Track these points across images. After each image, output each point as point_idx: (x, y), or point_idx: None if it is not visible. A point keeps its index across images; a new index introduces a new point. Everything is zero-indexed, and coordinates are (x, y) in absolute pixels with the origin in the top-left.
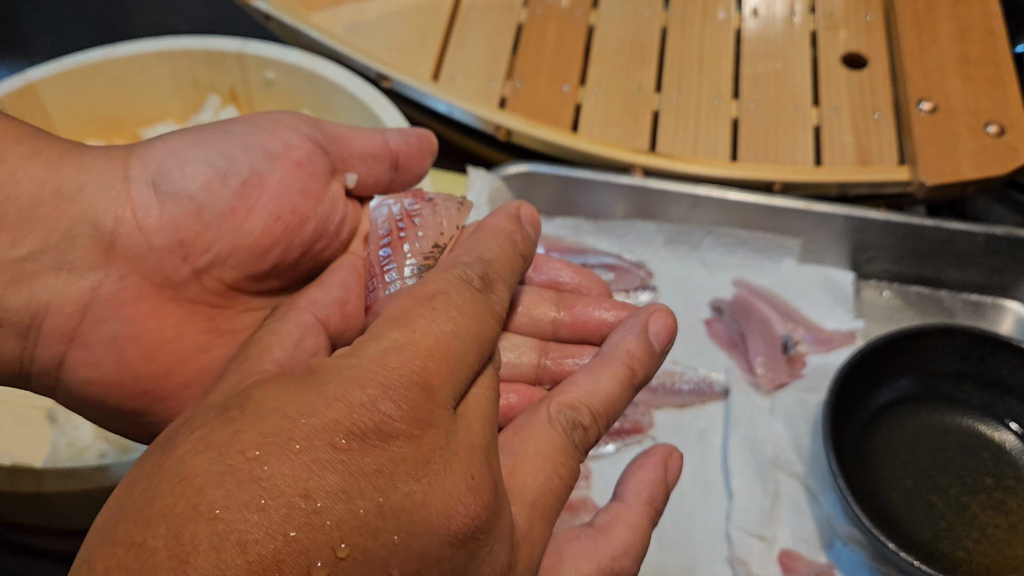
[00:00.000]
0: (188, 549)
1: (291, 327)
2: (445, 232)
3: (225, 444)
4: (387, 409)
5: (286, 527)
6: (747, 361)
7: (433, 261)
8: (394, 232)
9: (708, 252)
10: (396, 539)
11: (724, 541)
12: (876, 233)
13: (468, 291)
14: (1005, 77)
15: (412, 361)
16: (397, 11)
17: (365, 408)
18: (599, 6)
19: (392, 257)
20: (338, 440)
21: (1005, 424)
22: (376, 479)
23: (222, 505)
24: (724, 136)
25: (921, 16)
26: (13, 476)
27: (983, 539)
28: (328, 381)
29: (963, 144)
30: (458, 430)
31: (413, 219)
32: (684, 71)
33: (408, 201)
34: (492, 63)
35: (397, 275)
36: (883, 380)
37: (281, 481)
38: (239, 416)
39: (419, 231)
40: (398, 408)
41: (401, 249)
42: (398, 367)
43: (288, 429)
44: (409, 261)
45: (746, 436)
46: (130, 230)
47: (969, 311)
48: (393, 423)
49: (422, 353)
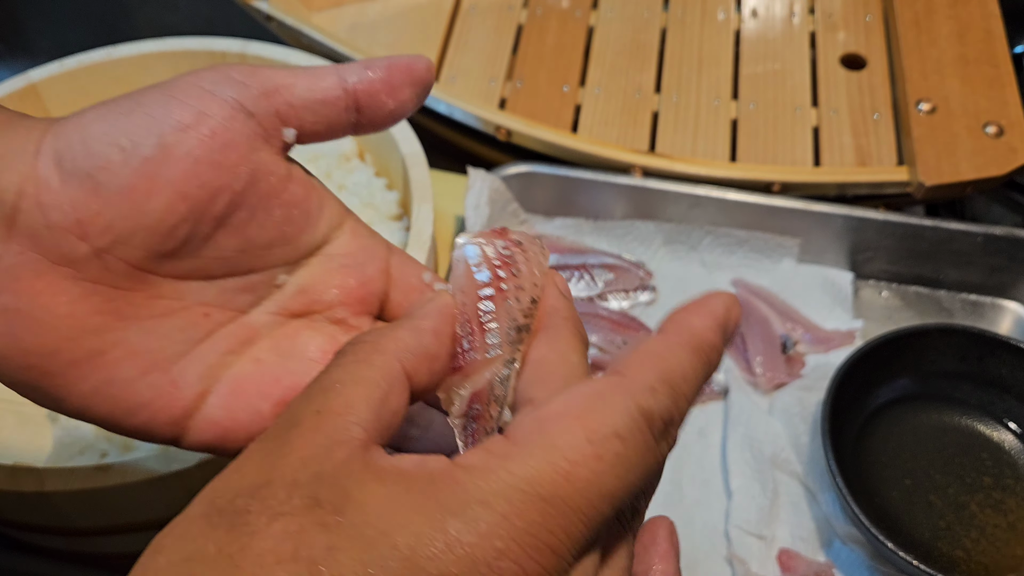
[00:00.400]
0: None
1: (377, 377)
2: (538, 284)
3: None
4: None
5: None
6: (746, 360)
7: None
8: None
9: (707, 252)
10: None
11: (723, 540)
12: (875, 233)
13: (645, 440)
14: (1004, 78)
15: (554, 523)
16: (398, 12)
17: (489, 568)
18: (599, 7)
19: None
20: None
21: (1004, 424)
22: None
23: None
24: (723, 136)
25: (920, 17)
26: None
27: (982, 538)
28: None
29: (962, 145)
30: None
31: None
32: (683, 72)
33: (501, 244)
34: (492, 64)
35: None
36: (882, 380)
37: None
38: (335, 525)
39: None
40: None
41: (503, 304)
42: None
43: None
44: (510, 321)
45: (745, 435)
46: (30, 205)
47: (968, 311)
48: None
49: (568, 513)
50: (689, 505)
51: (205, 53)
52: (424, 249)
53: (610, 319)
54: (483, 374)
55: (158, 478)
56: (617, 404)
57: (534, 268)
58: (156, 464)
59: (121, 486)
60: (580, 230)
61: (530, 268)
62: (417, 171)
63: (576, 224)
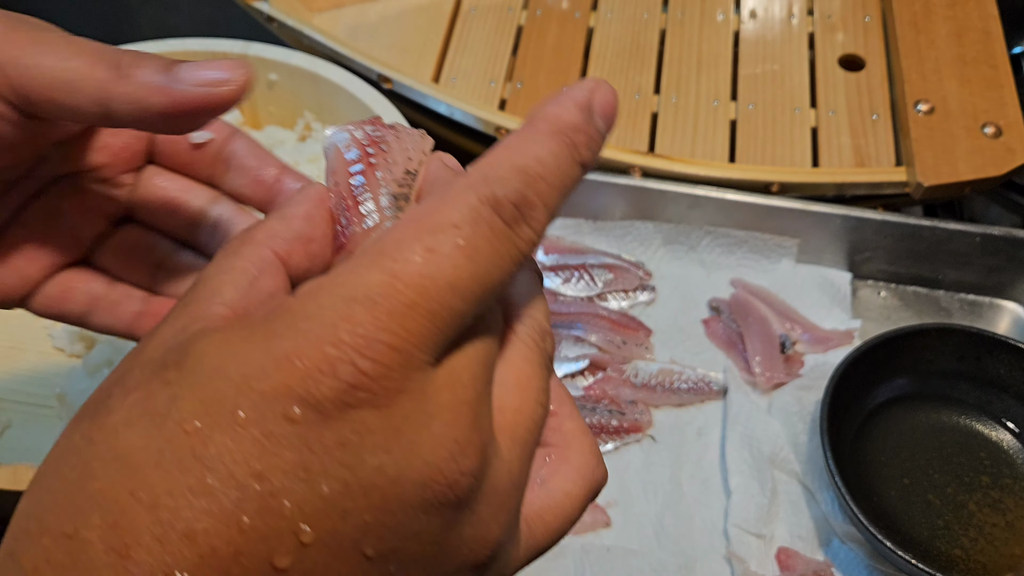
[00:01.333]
0: (128, 541)
1: (245, 263)
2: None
3: (162, 413)
4: (347, 376)
5: (239, 513)
6: (745, 360)
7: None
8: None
9: (706, 252)
10: (368, 518)
11: (722, 538)
12: (873, 233)
13: (489, 227)
14: (1002, 79)
15: (386, 319)
16: (398, 13)
17: (322, 373)
18: (598, 8)
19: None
20: (291, 410)
21: (1002, 423)
22: (340, 454)
23: (163, 489)
24: (722, 137)
25: (918, 18)
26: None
27: (980, 537)
28: (279, 334)
29: (960, 145)
30: (439, 390)
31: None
32: (683, 73)
33: (370, 128)
34: (492, 65)
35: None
36: (880, 379)
37: (230, 460)
38: (177, 378)
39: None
40: (360, 376)
41: (374, 176)
42: (367, 323)
43: (232, 396)
44: (384, 190)
45: (744, 434)
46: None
47: (966, 311)
48: (355, 391)
49: (401, 308)
50: (688, 504)
51: (206, 54)
52: None
53: (610, 319)
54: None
55: None
56: (456, 198)
57: (407, 144)
58: None
59: None
60: (580, 230)
61: (401, 144)
62: None
63: (576, 224)
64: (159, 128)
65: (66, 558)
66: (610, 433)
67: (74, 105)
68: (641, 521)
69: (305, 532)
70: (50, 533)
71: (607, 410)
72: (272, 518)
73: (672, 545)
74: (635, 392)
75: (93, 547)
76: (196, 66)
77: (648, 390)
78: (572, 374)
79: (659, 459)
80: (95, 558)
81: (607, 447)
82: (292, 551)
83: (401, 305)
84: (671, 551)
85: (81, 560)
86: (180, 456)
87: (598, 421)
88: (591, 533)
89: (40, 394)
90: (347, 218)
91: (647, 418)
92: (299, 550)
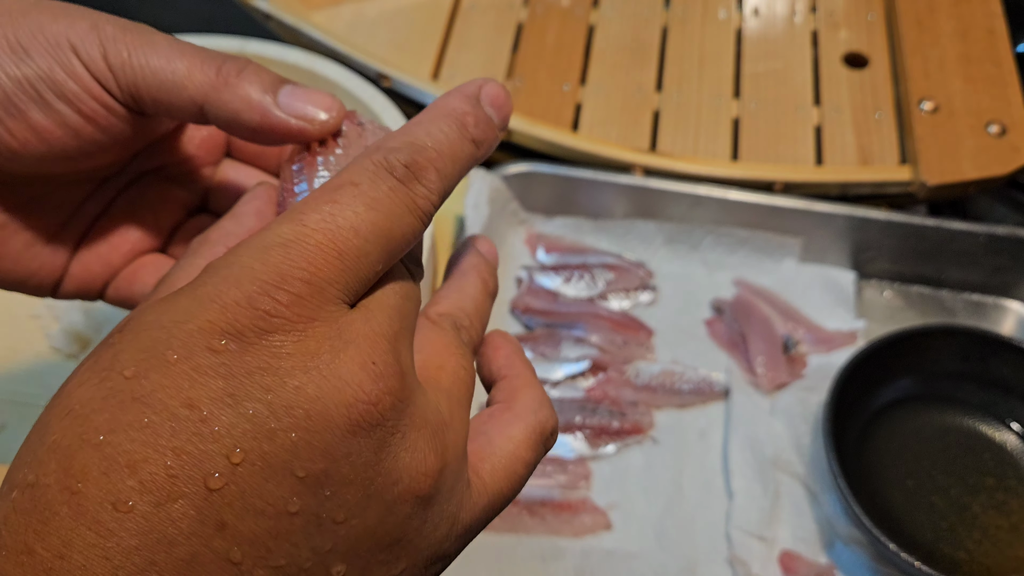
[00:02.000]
0: (78, 479)
1: (201, 261)
2: None
3: (106, 368)
4: (264, 305)
5: (174, 441)
6: (748, 361)
7: None
8: (313, 147)
9: (709, 252)
10: (294, 436)
11: (724, 541)
12: (877, 233)
13: (385, 182)
14: (1006, 77)
15: (297, 257)
16: (397, 10)
17: (240, 306)
18: (599, 5)
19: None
20: (216, 342)
21: (1006, 424)
22: (261, 377)
23: (106, 429)
24: (725, 135)
25: (922, 16)
26: None
27: (984, 540)
28: (204, 283)
29: (964, 144)
30: (354, 321)
31: (335, 137)
32: (685, 70)
33: None
34: (492, 62)
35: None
36: (884, 380)
37: (163, 395)
38: (119, 339)
39: (338, 148)
40: (275, 303)
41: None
42: (279, 263)
43: (164, 340)
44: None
45: (746, 436)
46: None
47: (970, 311)
48: (271, 318)
49: (310, 248)
50: (690, 506)
51: None
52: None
53: (610, 319)
54: None
55: None
56: (355, 165)
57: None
58: None
59: None
60: (580, 229)
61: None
62: None
63: (576, 223)
64: (242, 136)
65: (29, 503)
66: (611, 434)
67: (175, 104)
68: (642, 523)
69: (236, 453)
70: (17, 486)
71: (608, 411)
72: (203, 442)
73: (674, 548)
74: (636, 393)
75: (50, 489)
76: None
77: (649, 391)
78: (573, 375)
79: (660, 461)
80: (52, 498)
81: (608, 449)
82: (225, 472)
83: (311, 246)
84: (672, 554)
85: (41, 502)
86: (121, 399)
87: (599, 422)
88: (592, 536)
89: (37, 394)
90: (283, 197)
91: (648, 419)
92: (231, 471)
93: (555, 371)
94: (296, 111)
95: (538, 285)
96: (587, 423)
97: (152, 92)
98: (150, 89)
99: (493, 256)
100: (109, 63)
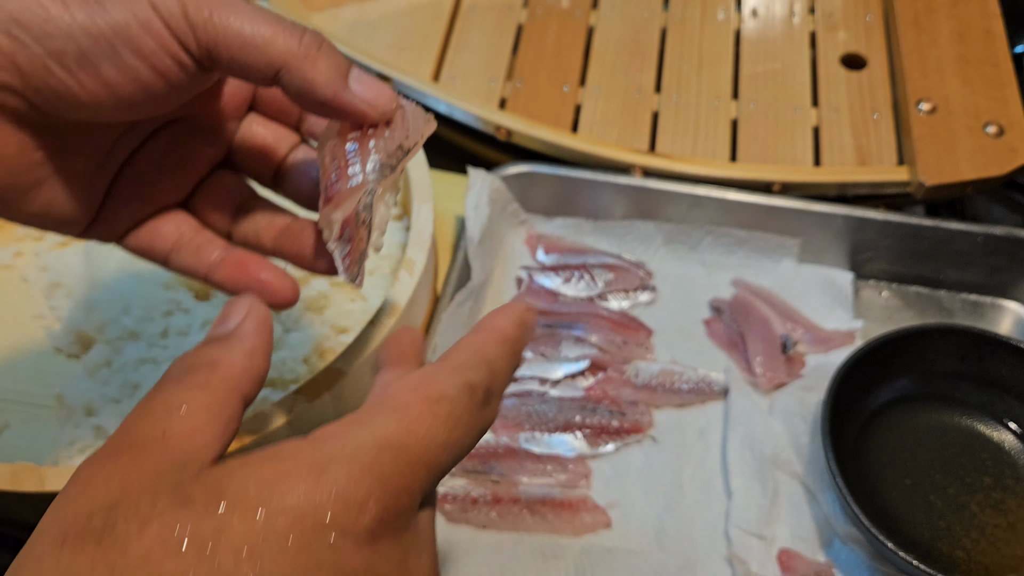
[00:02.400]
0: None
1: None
2: (411, 137)
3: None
4: (378, 512)
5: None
6: (746, 360)
7: (396, 161)
8: (366, 129)
9: (707, 252)
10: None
11: (723, 540)
12: (875, 233)
13: (470, 405)
14: (1004, 78)
15: (405, 468)
16: (398, 12)
17: (360, 508)
18: (599, 7)
19: (358, 152)
20: (332, 539)
21: (1004, 424)
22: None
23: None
24: (723, 136)
25: (920, 17)
26: (16, 475)
27: (982, 538)
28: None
29: (962, 144)
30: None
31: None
32: (684, 72)
33: None
34: (492, 64)
35: (359, 169)
36: (882, 380)
37: None
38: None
39: (387, 131)
40: (387, 512)
41: (367, 145)
42: (392, 470)
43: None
44: (373, 157)
45: (745, 435)
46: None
47: (968, 311)
48: (382, 525)
49: (414, 460)
50: (689, 505)
51: None
52: (424, 249)
53: (610, 319)
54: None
55: None
56: (445, 377)
57: (409, 124)
58: None
59: None
60: (580, 230)
61: (405, 124)
62: (417, 171)
63: (576, 224)
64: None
65: None
66: (611, 434)
67: (252, 66)
68: (642, 522)
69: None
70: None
71: (608, 411)
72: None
73: (673, 546)
74: (636, 393)
75: None
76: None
77: (649, 391)
78: (572, 375)
79: (660, 460)
80: None
81: (608, 448)
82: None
83: (416, 456)
84: (672, 552)
85: None
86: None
87: (599, 422)
88: (592, 534)
89: (39, 394)
90: (337, 175)
91: (648, 419)
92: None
93: (555, 371)
94: (364, 95)
95: (538, 285)
96: (587, 422)
97: (232, 52)
98: (230, 49)
99: None
100: (190, 20)
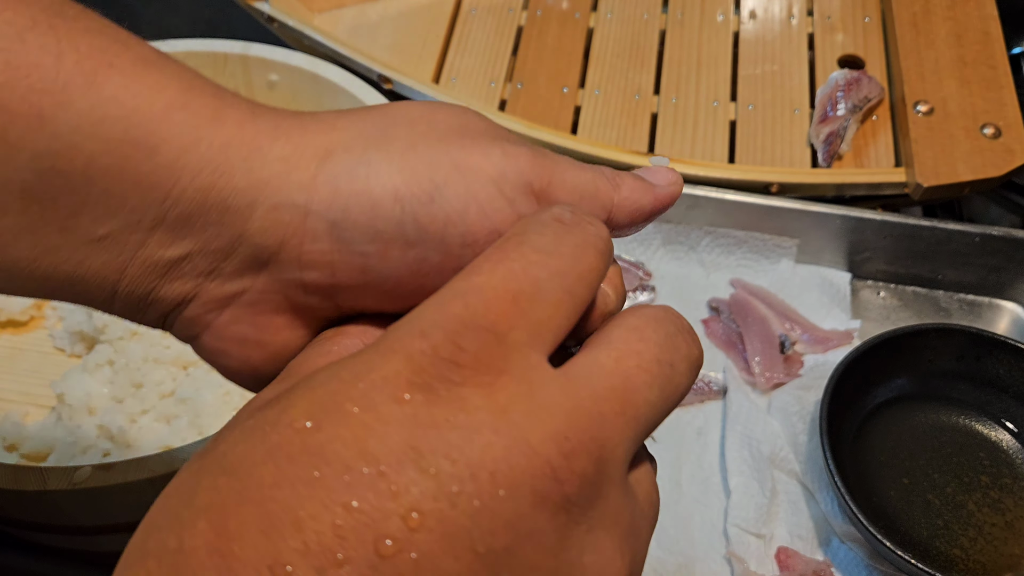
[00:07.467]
0: (233, 539)
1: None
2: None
3: (271, 422)
4: (450, 354)
5: (346, 497)
6: (745, 360)
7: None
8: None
9: (706, 252)
10: (477, 503)
11: (722, 538)
12: (872, 234)
13: (551, 228)
14: (1001, 79)
15: (474, 304)
16: (399, 14)
17: (427, 356)
18: (598, 9)
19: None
20: (400, 394)
21: (1001, 423)
22: (447, 432)
23: (270, 483)
24: (722, 138)
25: (918, 19)
26: (17, 474)
27: (979, 537)
28: (385, 339)
29: (959, 146)
30: (549, 383)
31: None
32: (682, 73)
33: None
34: (492, 66)
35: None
36: (880, 379)
37: (338, 445)
38: (287, 395)
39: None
40: (462, 352)
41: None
42: (459, 312)
43: (343, 391)
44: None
45: (743, 434)
46: (290, 258)
47: (965, 311)
48: (460, 369)
49: (486, 295)
50: (688, 504)
51: (207, 55)
52: None
53: None
54: None
55: (159, 477)
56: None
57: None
58: (157, 464)
59: (123, 485)
60: None
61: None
62: None
63: None
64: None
65: (169, 571)
66: None
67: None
68: None
69: (412, 517)
70: (153, 553)
71: None
72: (379, 499)
73: (672, 544)
74: None
75: (197, 553)
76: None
77: None
78: None
79: (659, 459)
80: (198, 564)
81: None
82: (398, 537)
83: (487, 292)
84: (670, 551)
85: (183, 569)
86: (289, 451)
87: None
88: None
89: (40, 394)
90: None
91: None
92: (405, 537)
93: None
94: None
95: None
96: None
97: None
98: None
99: None
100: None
